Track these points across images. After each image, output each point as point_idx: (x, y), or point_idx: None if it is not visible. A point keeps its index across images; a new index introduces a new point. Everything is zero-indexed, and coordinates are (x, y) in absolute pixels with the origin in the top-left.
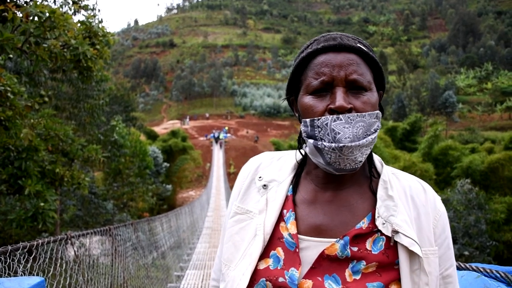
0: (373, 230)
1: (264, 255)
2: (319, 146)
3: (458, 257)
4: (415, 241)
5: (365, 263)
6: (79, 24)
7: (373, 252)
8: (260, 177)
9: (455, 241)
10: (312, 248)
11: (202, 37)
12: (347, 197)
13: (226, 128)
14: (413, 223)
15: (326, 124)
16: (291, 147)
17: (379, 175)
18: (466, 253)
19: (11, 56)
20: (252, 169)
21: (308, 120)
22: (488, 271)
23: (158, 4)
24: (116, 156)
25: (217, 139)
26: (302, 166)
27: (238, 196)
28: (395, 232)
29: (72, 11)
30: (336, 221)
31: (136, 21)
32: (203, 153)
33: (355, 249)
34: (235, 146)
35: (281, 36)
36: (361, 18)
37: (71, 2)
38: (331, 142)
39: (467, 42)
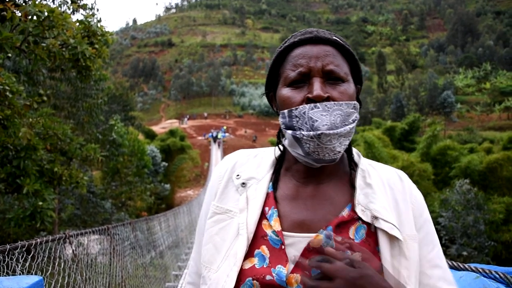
0: (354, 217)
1: (248, 254)
2: (297, 135)
3: (457, 257)
4: (394, 226)
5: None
6: (77, 24)
7: (355, 241)
8: (237, 175)
9: (453, 242)
10: (297, 244)
11: (200, 37)
12: (328, 191)
13: (225, 127)
14: (392, 209)
15: (304, 113)
16: None
17: (357, 166)
18: (465, 253)
19: (9, 55)
20: (229, 168)
21: (286, 111)
22: (487, 271)
23: (157, 4)
24: (115, 155)
25: (215, 139)
26: (280, 163)
27: (215, 195)
28: (375, 218)
29: (71, 10)
30: (319, 215)
31: (134, 21)
32: (201, 153)
33: (339, 238)
34: (233, 145)
35: (280, 35)
36: (360, 18)
37: (69, 2)
38: (309, 131)
39: (465, 42)
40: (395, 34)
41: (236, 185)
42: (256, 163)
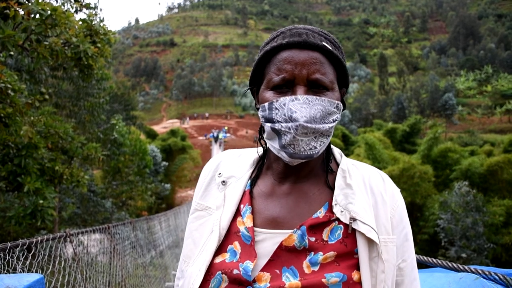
0: (331, 219)
1: (221, 249)
2: (276, 127)
3: (456, 259)
4: (372, 228)
5: (322, 254)
6: (80, 22)
7: (329, 242)
8: (219, 174)
9: (452, 244)
10: (268, 240)
11: (202, 37)
12: (304, 189)
13: (226, 128)
14: (371, 211)
15: (284, 104)
16: None
17: (337, 166)
18: (464, 255)
19: (12, 53)
20: (213, 167)
21: (266, 103)
22: (487, 273)
23: (159, 3)
24: (116, 154)
25: (216, 139)
26: (263, 160)
27: (199, 193)
28: (353, 219)
29: (74, 9)
30: (293, 212)
31: (137, 20)
32: (202, 153)
33: (313, 239)
34: (234, 146)
35: None
36: (362, 20)
37: (72, 0)
38: (287, 122)
39: (467, 44)
40: (397, 36)
41: (218, 183)
42: (238, 163)
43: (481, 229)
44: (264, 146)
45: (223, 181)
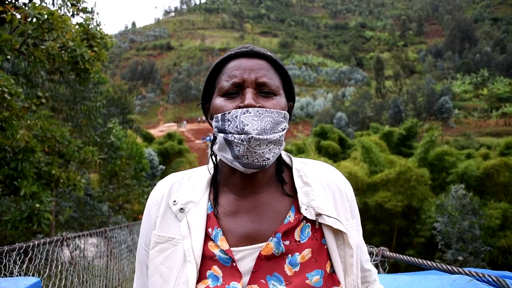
0: (300, 219)
1: (200, 278)
2: (229, 138)
3: (453, 262)
4: (337, 220)
5: (298, 254)
6: (77, 26)
7: (301, 242)
8: (174, 201)
9: (449, 247)
10: (247, 257)
11: (199, 40)
12: (267, 200)
13: None
14: (331, 203)
15: (236, 116)
16: (286, 151)
17: (290, 168)
18: (460, 258)
19: (8, 57)
20: (165, 194)
21: (219, 114)
22: (481, 275)
23: (156, 7)
24: (112, 158)
25: None
26: (216, 178)
27: (155, 224)
28: (319, 215)
29: (71, 13)
30: (264, 225)
31: (133, 24)
32: (199, 156)
33: (287, 242)
34: None
35: (278, 40)
36: (358, 23)
37: (69, 4)
38: (240, 134)
39: (463, 48)
40: (393, 40)
41: (175, 212)
42: (191, 186)
43: (478, 232)
44: (215, 162)
45: (181, 209)
